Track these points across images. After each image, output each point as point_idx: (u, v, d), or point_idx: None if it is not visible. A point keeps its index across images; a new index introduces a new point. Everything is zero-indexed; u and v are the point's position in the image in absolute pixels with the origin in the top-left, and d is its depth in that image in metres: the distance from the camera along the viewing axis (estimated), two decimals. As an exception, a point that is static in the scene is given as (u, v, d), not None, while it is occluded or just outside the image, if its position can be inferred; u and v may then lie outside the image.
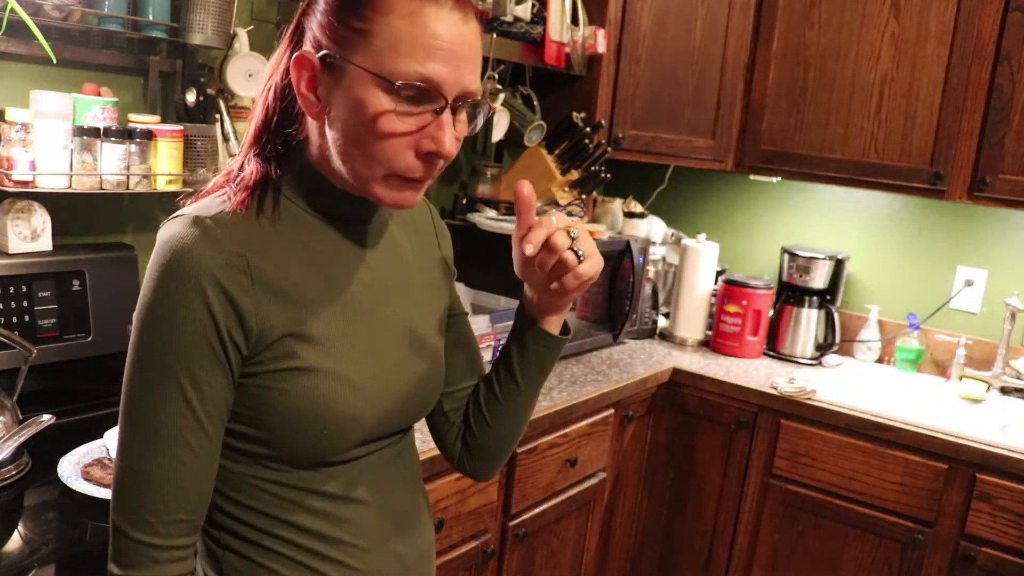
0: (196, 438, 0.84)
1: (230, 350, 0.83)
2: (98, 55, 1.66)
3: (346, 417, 0.89)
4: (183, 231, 0.83)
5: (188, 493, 0.84)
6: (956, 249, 2.55)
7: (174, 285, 0.81)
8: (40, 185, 1.52)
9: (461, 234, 2.53)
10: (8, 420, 1.35)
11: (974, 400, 2.31)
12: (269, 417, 0.86)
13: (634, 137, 2.55)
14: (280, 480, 0.90)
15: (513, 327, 1.08)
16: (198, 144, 1.72)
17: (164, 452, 0.83)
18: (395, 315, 0.97)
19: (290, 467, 0.89)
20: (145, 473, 0.83)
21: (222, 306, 0.82)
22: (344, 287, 0.92)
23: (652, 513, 2.48)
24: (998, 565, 1.96)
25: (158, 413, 0.82)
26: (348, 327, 0.91)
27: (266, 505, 0.90)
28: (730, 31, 2.48)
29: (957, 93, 2.18)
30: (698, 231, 2.75)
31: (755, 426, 2.28)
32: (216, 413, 0.85)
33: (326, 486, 0.91)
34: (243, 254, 0.84)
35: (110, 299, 1.67)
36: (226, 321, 0.82)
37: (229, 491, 0.90)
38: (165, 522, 0.83)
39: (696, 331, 2.66)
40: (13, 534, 1.22)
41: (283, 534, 0.90)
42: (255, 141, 0.92)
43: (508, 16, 2.19)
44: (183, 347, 0.82)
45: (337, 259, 0.93)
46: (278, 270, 0.87)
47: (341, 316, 0.91)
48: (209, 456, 0.85)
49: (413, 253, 1.04)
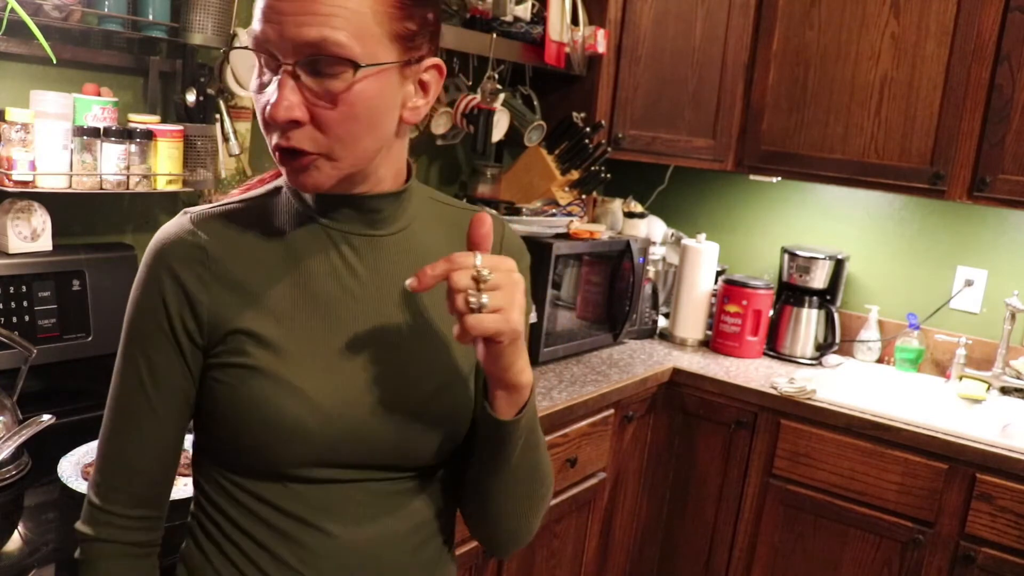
0: (146, 417, 0.89)
1: (182, 337, 0.87)
2: (98, 55, 1.66)
3: (288, 428, 0.83)
4: (167, 225, 0.91)
5: (131, 466, 0.90)
6: (956, 249, 2.55)
7: (142, 274, 0.89)
8: (40, 185, 1.52)
9: (461, 234, 2.52)
10: (8, 420, 1.35)
11: (974, 400, 2.31)
12: (216, 413, 0.88)
13: (634, 137, 2.55)
14: (247, 488, 0.89)
15: None
16: (198, 144, 1.72)
17: (115, 425, 0.91)
18: (388, 334, 0.89)
19: (251, 475, 0.88)
20: (103, 440, 0.92)
21: (176, 295, 0.86)
22: (323, 295, 0.87)
23: (652, 513, 2.49)
24: (998, 565, 1.96)
25: (118, 388, 0.91)
26: (316, 336, 0.86)
27: (231, 509, 0.90)
28: (730, 31, 2.48)
29: (957, 93, 2.18)
30: (698, 231, 2.75)
31: (755, 426, 2.28)
32: (169, 396, 0.89)
33: (292, 506, 0.87)
34: (204, 247, 0.87)
35: (110, 299, 1.68)
36: (179, 309, 0.86)
37: (206, 486, 0.93)
38: (108, 487, 0.91)
39: (696, 331, 2.66)
40: (13, 534, 1.22)
41: (239, 542, 0.89)
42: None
43: (508, 16, 2.19)
44: (140, 331, 0.88)
45: (324, 266, 0.88)
46: (244, 267, 0.87)
47: (311, 324, 0.86)
48: (155, 436, 0.90)
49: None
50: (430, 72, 0.87)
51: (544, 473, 0.96)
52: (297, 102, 0.78)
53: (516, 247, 1.00)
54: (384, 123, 0.84)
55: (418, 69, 0.85)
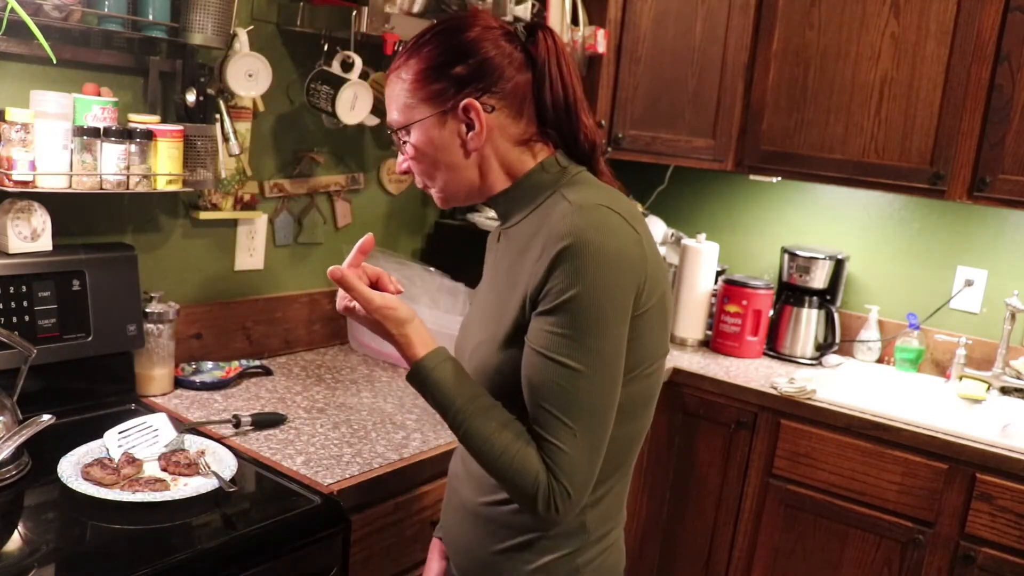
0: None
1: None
2: (98, 55, 1.66)
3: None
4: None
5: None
6: (956, 249, 2.55)
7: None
8: (40, 185, 1.52)
9: (461, 234, 2.53)
10: (8, 420, 1.35)
11: (974, 400, 2.31)
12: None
13: (634, 137, 2.55)
14: None
15: None
16: (198, 144, 1.72)
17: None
18: (479, 303, 1.23)
19: None
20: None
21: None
22: (486, 266, 1.26)
23: (652, 513, 2.49)
24: (998, 565, 1.96)
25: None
26: (475, 293, 1.28)
27: None
28: (730, 31, 2.47)
29: (957, 93, 2.18)
30: (698, 231, 2.74)
31: (755, 426, 2.28)
32: None
33: None
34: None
35: (110, 299, 1.68)
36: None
37: None
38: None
39: (696, 331, 2.66)
40: (13, 534, 1.22)
41: None
42: None
43: (508, 16, 2.19)
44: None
45: (494, 246, 1.24)
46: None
47: (479, 285, 1.26)
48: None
49: (505, 268, 1.15)
50: (467, 110, 1.08)
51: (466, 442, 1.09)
52: (402, 159, 1.17)
53: (554, 234, 1.05)
54: (446, 158, 1.11)
55: (457, 113, 1.09)
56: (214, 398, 1.81)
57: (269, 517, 1.32)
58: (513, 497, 1.05)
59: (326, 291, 2.26)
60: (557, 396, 1.01)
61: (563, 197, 1.09)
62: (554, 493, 1.01)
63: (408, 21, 1.93)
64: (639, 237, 1.05)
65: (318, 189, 2.20)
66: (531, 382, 1.04)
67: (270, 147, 2.06)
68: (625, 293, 1.02)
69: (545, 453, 1.02)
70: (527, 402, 1.05)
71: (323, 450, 1.58)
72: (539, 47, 1.11)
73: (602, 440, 1.04)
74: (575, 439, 1.01)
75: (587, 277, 0.99)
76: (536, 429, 1.03)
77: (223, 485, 1.35)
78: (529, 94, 1.11)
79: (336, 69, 1.98)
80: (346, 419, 1.75)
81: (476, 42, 1.09)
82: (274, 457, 1.53)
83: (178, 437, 1.52)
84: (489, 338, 1.12)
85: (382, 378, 2.05)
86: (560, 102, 1.12)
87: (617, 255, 1.01)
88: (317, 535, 1.36)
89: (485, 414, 1.05)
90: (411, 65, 1.11)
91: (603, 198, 1.07)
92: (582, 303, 0.99)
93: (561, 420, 1.01)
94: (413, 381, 1.09)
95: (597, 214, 1.03)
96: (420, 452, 1.61)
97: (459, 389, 1.06)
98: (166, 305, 1.78)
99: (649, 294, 1.05)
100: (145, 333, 1.73)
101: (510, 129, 1.11)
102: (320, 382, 1.98)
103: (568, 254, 1.00)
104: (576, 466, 1.02)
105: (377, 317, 1.08)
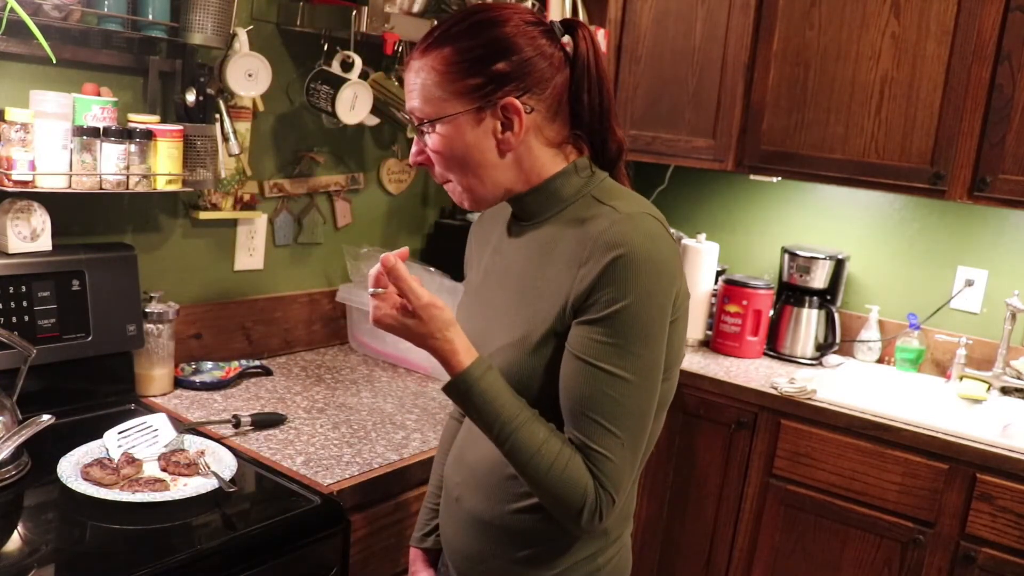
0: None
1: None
2: (98, 55, 1.66)
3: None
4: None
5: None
6: (956, 249, 2.55)
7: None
8: (40, 185, 1.52)
9: (461, 234, 2.52)
10: (8, 420, 1.35)
11: (974, 400, 2.31)
12: None
13: (634, 137, 2.54)
14: None
15: None
16: (198, 144, 1.72)
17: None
18: (494, 302, 1.15)
19: None
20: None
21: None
22: (490, 267, 1.19)
23: (652, 513, 2.48)
24: (998, 565, 1.96)
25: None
26: (481, 296, 1.19)
27: None
28: (730, 31, 2.47)
29: (957, 93, 2.18)
30: (698, 231, 2.74)
31: (755, 426, 2.28)
32: None
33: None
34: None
35: (110, 299, 1.67)
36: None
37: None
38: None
39: (696, 331, 2.66)
40: (13, 534, 1.22)
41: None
42: None
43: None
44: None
45: (497, 241, 1.19)
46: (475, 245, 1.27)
47: (483, 288, 1.19)
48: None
49: (531, 268, 1.10)
50: (506, 109, 1.04)
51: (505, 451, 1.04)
52: (417, 150, 1.10)
53: (602, 243, 1.02)
54: (477, 156, 1.06)
55: (495, 111, 1.04)
56: (214, 398, 1.81)
57: (269, 517, 1.32)
58: (554, 508, 1.03)
59: (326, 291, 2.26)
60: (605, 406, 0.99)
61: (600, 202, 1.06)
62: (601, 503, 1.00)
63: (408, 21, 1.93)
64: (676, 245, 1.06)
65: (318, 189, 2.20)
66: (577, 392, 1.01)
67: (270, 147, 2.06)
68: (669, 301, 1.02)
69: (592, 463, 1.00)
70: (567, 410, 1.02)
71: (323, 450, 1.58)
72: (579, 47, 1.06)
73: (642, 447, 1.04)
74: (622, 448, 1.00)
75: (638, 288, 0.98)
76: (580, 437, 1.00)
77: (223, 485, 1.35)
78: (565, 95, 1.07)
79: (336, 69, 1.98)
80: (346, 419, 1.75)
81: (516, 38, 1.04)
82: (274, 457, 1.53)
83: (178, 437, 1.52)
84: (518, 341, 1.07)
85: (382, 378, 2.05)
86: (596, 106, 1.08)
87: (664, 265, 1.01)
88: (317, 535, 1.36)
89: (530, 425, 1.01)
90: (444, 55, 1.03)
91: (645, 206, 1.07)
92: (632, 313, 0.98)
93: (609, 429, 0.99)
94: (454, 391, 1.02)
95: (645, 224, 1.02)
96: (420, 452, 1.61)
97: (506, 399, 1.02)
98: (166, 305, 1.78)
99: (680, 301, 1.05)
100: (145, 333, 1.73)
101: (545, 131, 1.08)
102: (320, 382, 1.98)
103: (620, 264, 0.98)
104: (622, 475, 1.01)
105: (423, 315, 1.00)
